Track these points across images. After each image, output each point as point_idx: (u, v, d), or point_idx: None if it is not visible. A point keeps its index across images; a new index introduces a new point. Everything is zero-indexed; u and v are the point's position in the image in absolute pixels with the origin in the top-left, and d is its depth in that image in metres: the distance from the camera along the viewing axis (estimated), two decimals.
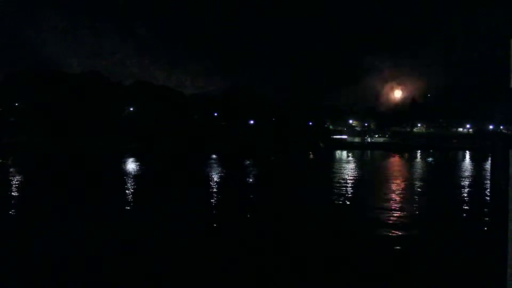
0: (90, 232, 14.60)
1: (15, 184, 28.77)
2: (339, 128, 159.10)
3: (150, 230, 15.17)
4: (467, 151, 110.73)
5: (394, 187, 28.93)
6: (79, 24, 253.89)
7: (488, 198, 25.23)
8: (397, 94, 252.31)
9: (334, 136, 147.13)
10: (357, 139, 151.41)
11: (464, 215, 19.40)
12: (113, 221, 16.88)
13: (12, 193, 24.10)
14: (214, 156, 69.43)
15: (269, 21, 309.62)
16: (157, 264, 11.14)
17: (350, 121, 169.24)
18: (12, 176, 33.72)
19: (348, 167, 48.88)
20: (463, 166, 55.86)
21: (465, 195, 26.55)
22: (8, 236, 14.16)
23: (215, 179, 34.03)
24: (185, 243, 13.38)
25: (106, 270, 10.62)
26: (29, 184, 29.58)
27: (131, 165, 47.65)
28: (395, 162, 61.78)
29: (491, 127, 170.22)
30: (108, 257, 11.80)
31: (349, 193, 25.89)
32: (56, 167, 45.82)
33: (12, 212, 18.81)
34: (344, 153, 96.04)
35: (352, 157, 77.24)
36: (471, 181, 34.98)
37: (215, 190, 27.75)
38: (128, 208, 20.30)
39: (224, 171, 42.57)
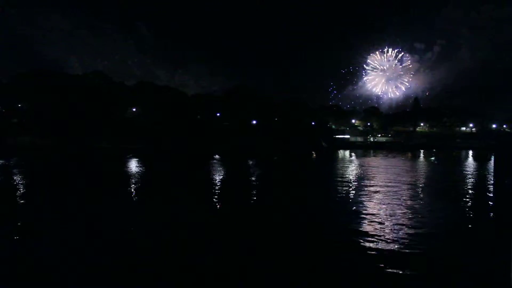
0: (92, 231, 14.64)
1: (18, 185, 28.82)
2: (342, 128, 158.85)
3: (151, 231, 15.18)
4: (470, 151, 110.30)
5: (390, 189, 28.86)
6: (81, 25, 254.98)
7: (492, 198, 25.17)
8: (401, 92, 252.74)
9: (337, 136, 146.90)
10: (359, 139, 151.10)
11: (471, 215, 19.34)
12: (115, 220, 16.90)
13: (16, 194, 24.14)
14: (217, 156, 69.41)
15: (272, 21, 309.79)
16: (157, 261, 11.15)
17: (353, 121, 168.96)
18: (15, 177, 33.78)
19: (350, 168, 48.86)
20: (467, 165, 55.74)
21: (469, 197, 26.47)
22: (11, 237, 14.20)
23: (218, 179, 34.01)
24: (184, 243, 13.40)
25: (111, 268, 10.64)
26: (32, 184, 29.61)
27: (134, 165, 47.69)
28: (397, 162, 61.59)
29: (494, 126, 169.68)
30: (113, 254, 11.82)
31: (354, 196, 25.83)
32: (59, 167, 45.89)
33: (16, 212, 18.85)
34: (347, 153, 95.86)
35: (355, 157, 77.08)
36: (475, 182, 34.90)
37: (217, 190, 27.70)
38: (130, 207, 20.31)
39: (227, 171, 42.54)
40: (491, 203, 22.95)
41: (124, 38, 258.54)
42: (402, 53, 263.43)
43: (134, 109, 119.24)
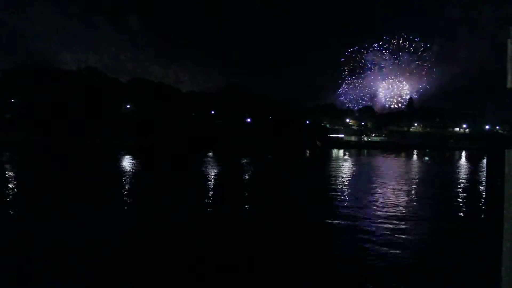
0: (88, 229, 14.51)
1: (11, 181, 28.59)
2: (336, 127, 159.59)
3: (143, 229, 15.10)
4: (463, 151, 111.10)
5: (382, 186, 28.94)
6: (73, 17, 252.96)
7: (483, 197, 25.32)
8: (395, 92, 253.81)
9: (331, 135, 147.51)
10: (353, 138, 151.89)
11: (461, 214, 19.39)
12: (110, 218, 16.78)
13: (9, 191, 23.92)
14: (210, 154, 69.29)
15: (268, 20, 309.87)
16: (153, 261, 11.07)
17: (348, 120, 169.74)
18: (8, 173, 33.48)
19: (342, 167, 49.00)
20: (459, 166, 56.13)
21: (461, 194, 26.58)
22: (7, 233, 14.04)
23: (208, 177, 33.93)
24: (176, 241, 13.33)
25: (105, 268, 10.54)
26: (25, 181, 29.38)
27: (126, 162, 47.51)
28: (389, 161, 61.88)
29: (487, 127, 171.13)
30: (107, 254, 11.71)
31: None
32: (52, 163, 45.59)
33: (10, 209, 18.66)
34: (341, 152, 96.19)
35: (348, 156, 77.37)
36: (467, 181, 35.10)
37: (208, 188, 27.64)
38: (123, 205, 20.18)
39: (219, 169, 42.50)
40: (482, 204, 23.05)
41: (117, 32, 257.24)
42: (399, 52, 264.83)
43: (128, 106, 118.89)
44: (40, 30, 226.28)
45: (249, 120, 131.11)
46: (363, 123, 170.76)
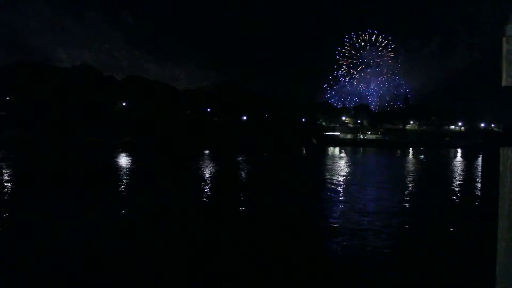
0: (84, 227, 14.45)
1: (7, 179, 28.39)
2: (332, 125, 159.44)
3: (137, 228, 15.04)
4: (458, 149, 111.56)
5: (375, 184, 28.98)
6: (66, 13, 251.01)
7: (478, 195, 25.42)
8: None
9: (327, 133, 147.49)
10: (349, 136, 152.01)
11: (456, 211, 19.45)
12: (106, 218, 16.70)
13: (4, 189, 23.76)
14: (206, 151, 69.14)
15: (265, 18, 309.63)
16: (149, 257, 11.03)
17: (343, 118, 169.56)
18: (3, 170, 33.24)
19: (338, 165, 49.07)
20: (454, 164, 56.33)
21: (456, 192, 26.68)
22: (4, 233, 13.96)
23: (205, 175, 33.88)
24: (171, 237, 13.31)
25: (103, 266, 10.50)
26: (21, 179, 29.20)
27: (123, 160, 47.35)
28: (384, 159, 62.02)
29: (482, 125, 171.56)
30: (104, 253, 11.67)
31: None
32: (47, 161, 45.35)
33: (5, 207, 18.55)
34: (337, 149, 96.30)
35: (344, 154, 77.47)
36: (462, 179, 35.23)
37: (202, 187, 27.62)
38: (118, 203, 20.11)
39: (215, 167, 42.45)
40: (476, 209, 23.04)
41: (112, 29, 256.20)
42: (396, 50, 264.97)
43: (124, 103, 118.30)
44: (34, 27, 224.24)
45: (245, 118, 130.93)
46: (359, 121, 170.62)
